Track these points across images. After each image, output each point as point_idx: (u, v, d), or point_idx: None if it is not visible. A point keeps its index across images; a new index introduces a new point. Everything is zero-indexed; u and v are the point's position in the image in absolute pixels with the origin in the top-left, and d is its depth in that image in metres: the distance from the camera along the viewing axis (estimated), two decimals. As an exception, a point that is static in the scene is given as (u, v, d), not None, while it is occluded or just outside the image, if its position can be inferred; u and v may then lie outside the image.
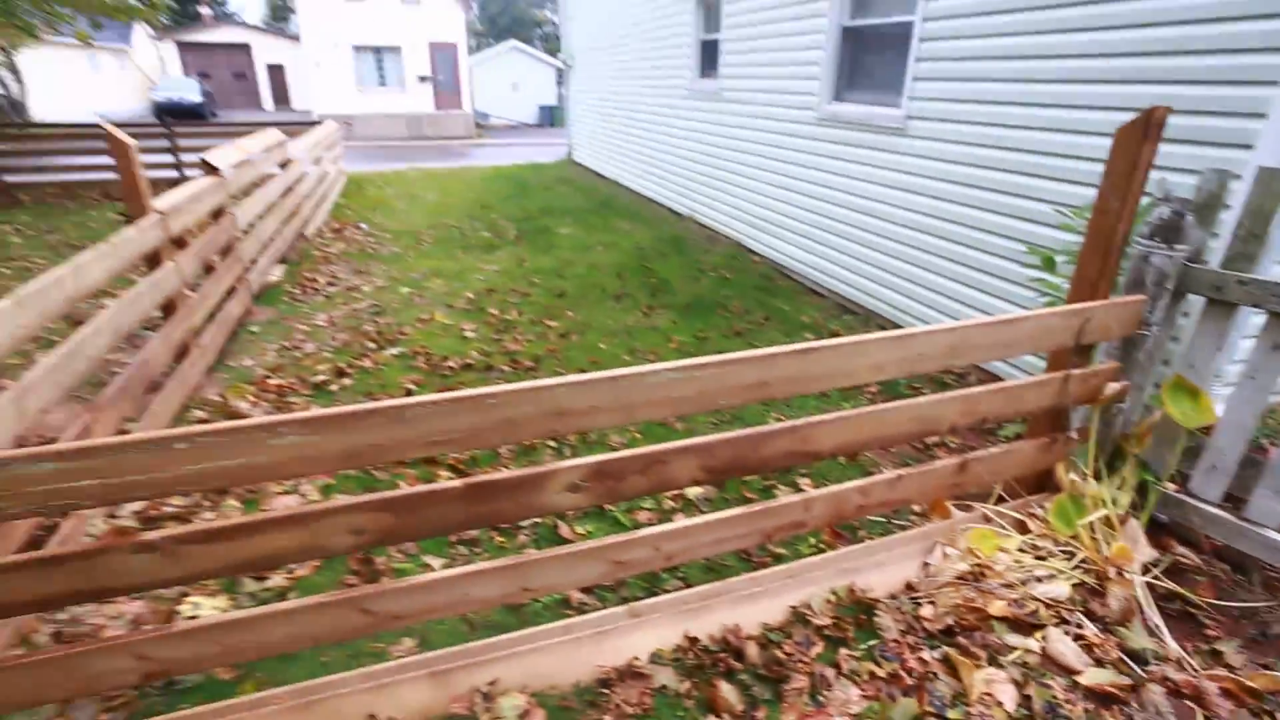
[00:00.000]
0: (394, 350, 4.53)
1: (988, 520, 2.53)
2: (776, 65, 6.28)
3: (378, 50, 25.84)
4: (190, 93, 27.97)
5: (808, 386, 1.99)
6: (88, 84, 28.63)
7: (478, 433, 1.68)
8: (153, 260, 3.78)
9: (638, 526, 2.70)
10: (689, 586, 2.35)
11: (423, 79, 26.34)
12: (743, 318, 5.12)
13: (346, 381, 4.09)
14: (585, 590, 2.44)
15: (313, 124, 13.42)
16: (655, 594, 2.27)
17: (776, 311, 5.36)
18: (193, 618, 2.32)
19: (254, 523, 1.67)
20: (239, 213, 5.39)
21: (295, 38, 36.79)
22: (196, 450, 1.52)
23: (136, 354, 3.43)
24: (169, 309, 3.93)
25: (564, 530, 2.75)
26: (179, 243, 4.13)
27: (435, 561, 2.55)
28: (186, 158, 12.10)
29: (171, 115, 25.62)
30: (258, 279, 5.79)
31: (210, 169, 5.04)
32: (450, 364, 4.28)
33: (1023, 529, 2.49)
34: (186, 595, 2.38)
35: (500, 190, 11.52)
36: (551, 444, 3.36)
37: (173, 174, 12.14)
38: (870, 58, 5.22)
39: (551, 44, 52.33)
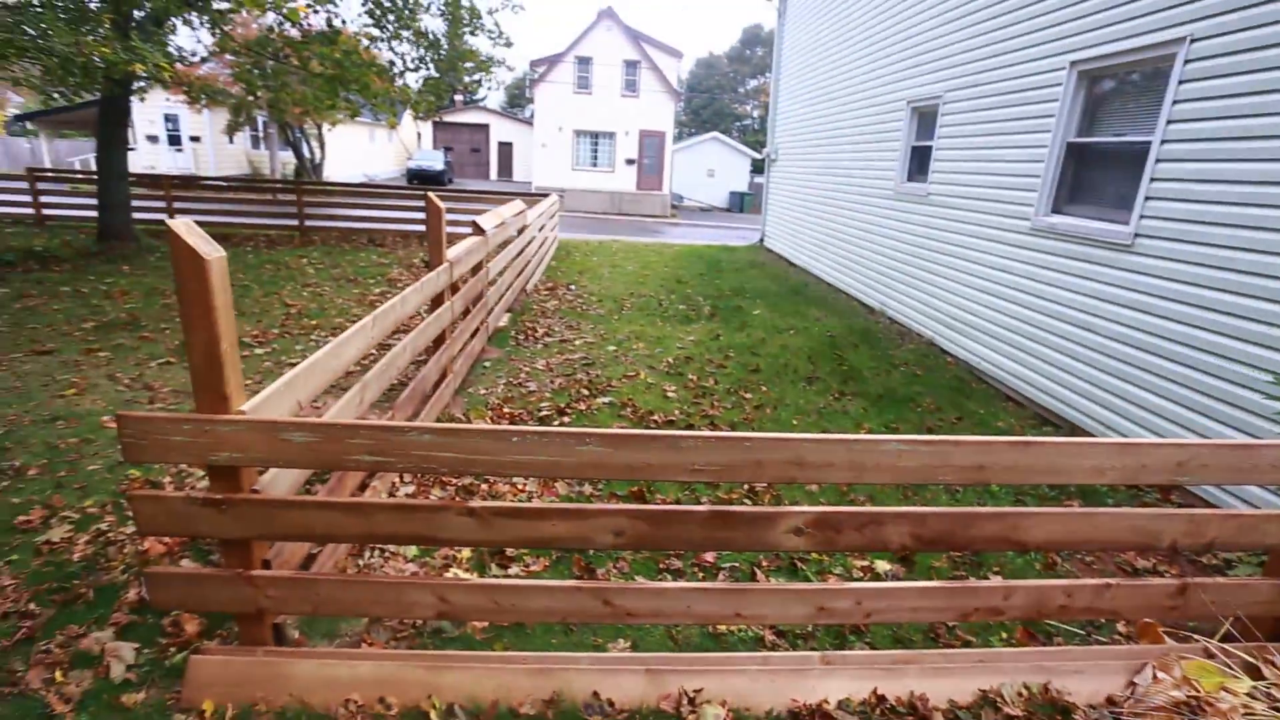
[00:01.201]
0: (604, 399, 5.12)
1: (1210, 655, 2.41)
2: (992, 175, 6.38)
3: (595, 135, 28.92)
4: (436, 162, 32.87)
5: (1024, 478, 2.14)
6: (364, 152, 34.87)
7: (731, 468, 2.04)
8: (437, 300, 4.70)
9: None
10: (874, 650, 2.49)
11: (629, 161, 28.93)
12: (934, 415, 5.14)
13: (566, 420, 4.71)
14: (778, 633, 2.67)
15: (540, 196, 15.33)
16: (842, 649, 2.45)
17: (970, 413, 5.30)
18: (455, 586, 2.86)
19: (545, 509, 2.14)
20: (491, 267, 6.43)
21: (526, 121, 42.08)
22: (525, 444, 2.02)
23: (417, 372, 4.28)
24: (439, 340, 4.83)
25: (759, 576, 3.01)
26: (454, 288, 5.08)
27: (643, 581, 2.92)
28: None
29: (420, 180, 30.32)
30: (492, 323, 6.79)
31: (479, 230, 6.11)
32: (655, 418, 4.76)
33: (1255, 673, 2.35)
34: (449, 567, 2.94)
35: (694, 268, 12.32)
36: (749, 494, 3.65)
37: (421, 228, 14.44)
38: (1095, 173, 5.19)
39: (748, 136, 55.08)
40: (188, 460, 2.10)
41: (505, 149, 42.59)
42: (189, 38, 24.47)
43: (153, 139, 26.53)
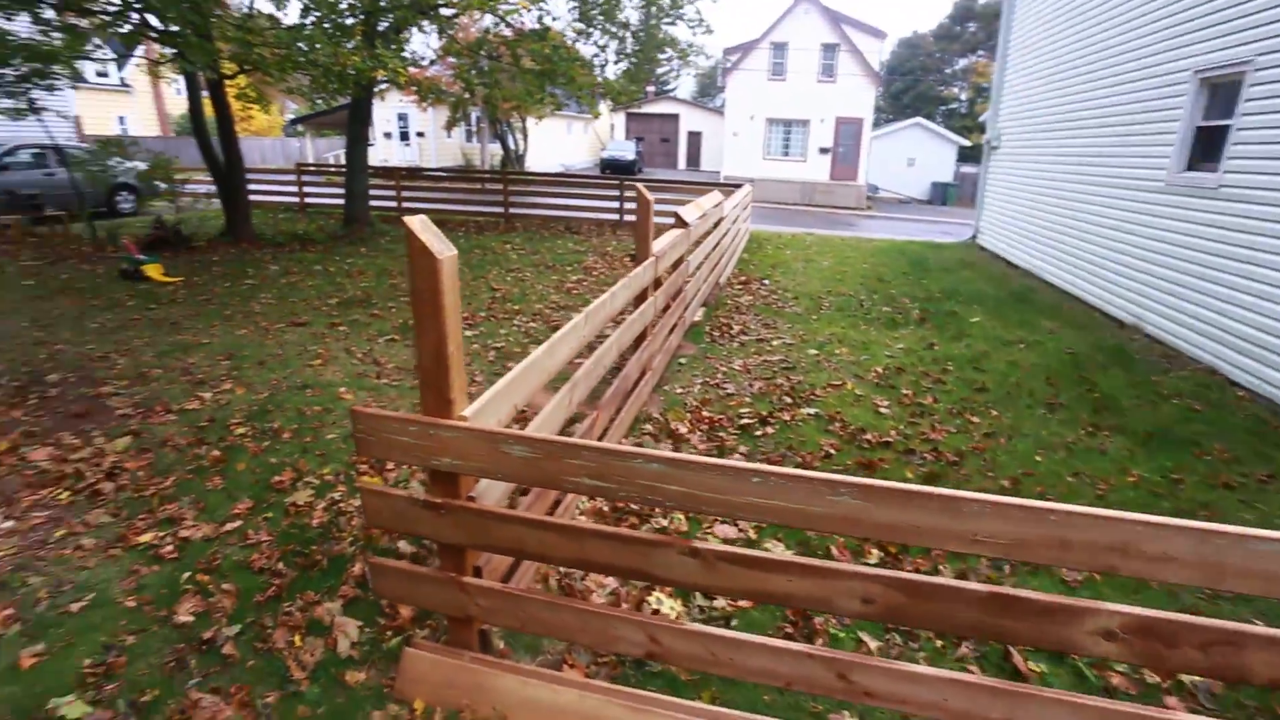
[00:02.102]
0: (809, 410, 4.71)
1: None
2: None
3: (788, 123, 27.91)
4: (628, 153, 33.73)
5: None
6: (562, 144, 36.78)
7: (1025, 545, 1.60)
8: (641, 296, 4.57)
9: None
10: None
11: (823, 150, 27.57)
12: (1231, 467, 4.09)
13: (769, 430, 4.38)
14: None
15: (730, 186, 15.04)
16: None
17: (1282, 468, 4.16)
18: (655, 611, 2.67)
19: (781, 561, 1.84)
20: (690, 260, 6.24)
21: (716, 110, 41.85)
22: (766, 486, 1.73)
23: (620, 370, 4.18)
24: (640, 337, 4.70)
25: (1020, 665, 2.48)
26: (657, 283, 4.93)
27: (872, 642, 2.53)
28: (625, 205, 14.51)
29: (612, 170, 31.33)
30: (688, 318, 6.62)
31: (681, 222, 5.93)
32: (867, 437, 4.28)
33: None
34: (651, 590, 2.76)
35: (895, 265, 11.32)
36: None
37: (614, 217, 14.77)
38: None
39: (954, 121, 50.24)
40: (411, 461, 2.08)
41: (694, 138, 42.71)
42: (419, 43, 27.30)
43: (387, 135, 30.03)
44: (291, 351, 5.75)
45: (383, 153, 28.68)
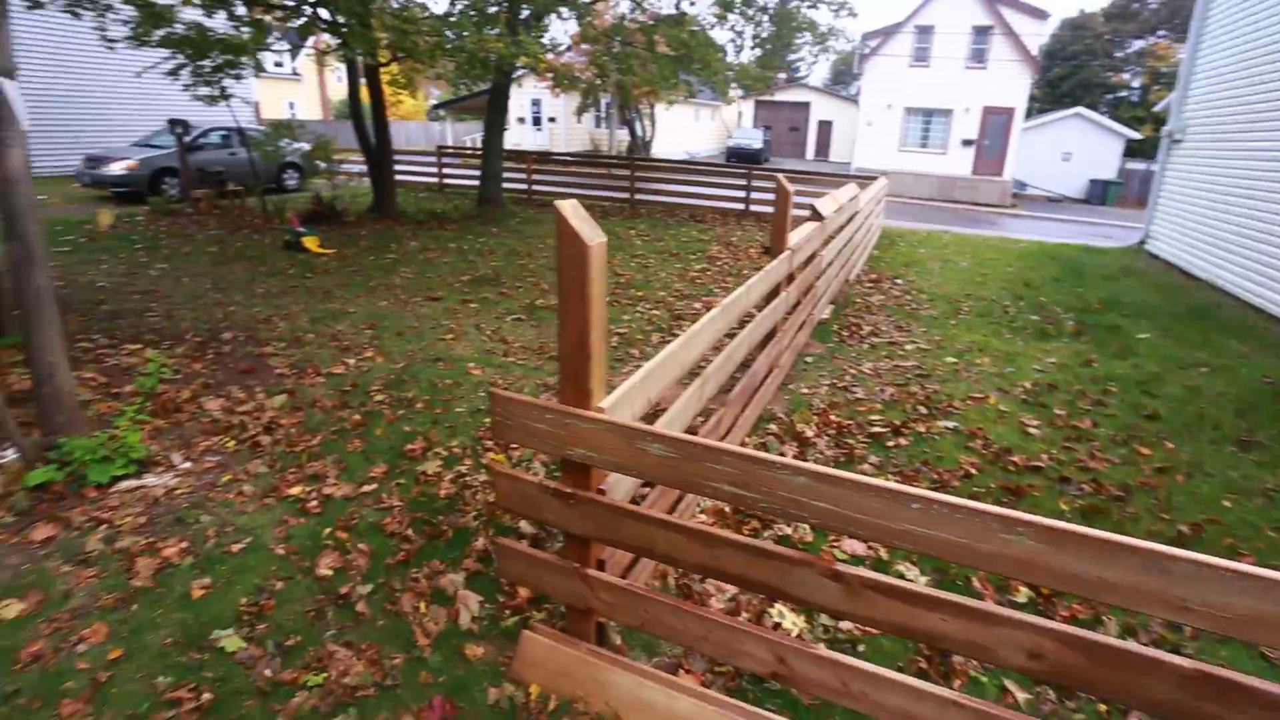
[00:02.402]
0: (946, 423, 4.37)
1: None
2: None
3: (929, 113, 26.21)
4: (755, 141, 33.02)
5: None
6: (688, 131, 36.60)
7: (1253, 622, 1.33)
8: (773, 291, 4.39)
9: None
10: None
11: (966, 143, 25.69)
12: None
13: (902, 442, 4.10)
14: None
15: (862, 178, 14.34)
16: None
17: None
18: (776, 625, 2.55)
19: (937, 599, 1.66)
20: (823, 255, 5.96)
21: (849, 98, 40.11)
22: (927, 515, 1.56)
23: (748, 366, 4.04)
24: (770, 333, 4.53)
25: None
26: (789, 278, 4.73)
27: (1019, 693, 2.27)
28: (751, 195, 14.20)
29: (738, 158, 30.81)
30: (816, 315, 6.34)
31: (816, 215, 5.66)
32: (1013, 459, 3.89)
33: None
34: (774, 602, 2.63)
35: (1045, 270, 10.33)
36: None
37: (740, 206, 14.49)
38: None
39: (1123, 111, 45.17)
40: (545, 449, 2.07)
41: (824, 128, 41.16)
42: (557, 30, 28.01)
43: (521, 120, 31.10)
44: (426, 325, 6.05)
45: (515, 137, 29.77)
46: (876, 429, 4.24)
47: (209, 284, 7.21)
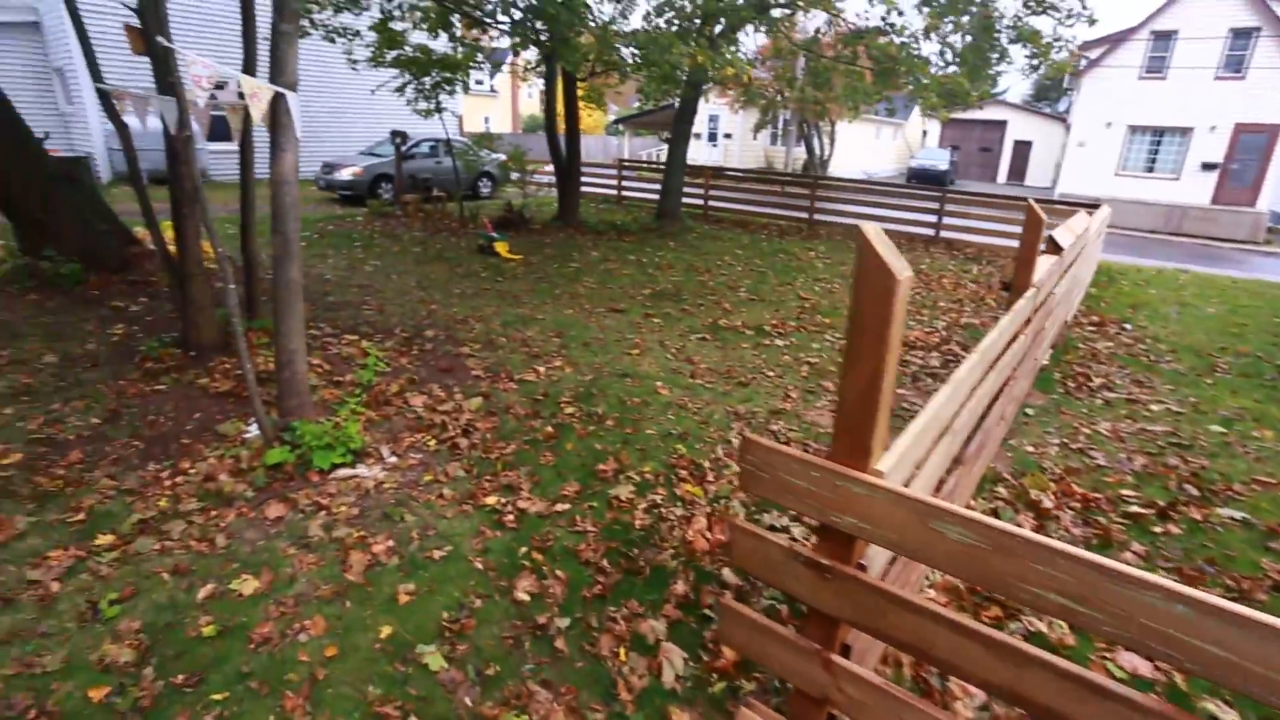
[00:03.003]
0: (1229, 511, 3.52)
1: None
2: None
3: (1159, 132, 22.92)
4: (940, 161, 30.83)
5: None
6: (866, 148, 34.99)
7: None
8: (1013, 334, 3.79)
9: None
10: None
11: (1207, 166, 22.12)
12: None
13: (1173, 529, 3.34)
14: None
15: (1067, 205, 12.74)
16: None
17: None
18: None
19: None
20: (1056, 293, 5.17)
21: (1053, 116, 36.34)
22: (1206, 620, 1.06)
23: (982, 419, 3.49)
24: (1004, 381, 3.93)
25: None
26: (1026, 320, 4.09)
27: None
28: (942, 220, 13.07)
29: (920, 180, 28.91)
30: (1038, 360, 5.53)
31: (1054, 248, 4.91)
32: (1349, 576, 3.02)
33: None
34: None
35: (1331, 324, 8.42)
36: None
37: (929, 232, 13.40)
38: None
39: None
40: (804, 510, 1.76)
41: (1021, 149, 37.58)
42: (743, 44, 27.92)
43: (697, 136, 31.37)
44: (611, 337, 6.01)
45: (691, 152, 30.07)
46: (1133, 507, 3.49)
47: (414, 282, 7.74)
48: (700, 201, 15.62)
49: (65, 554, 2.82)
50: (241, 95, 3.22)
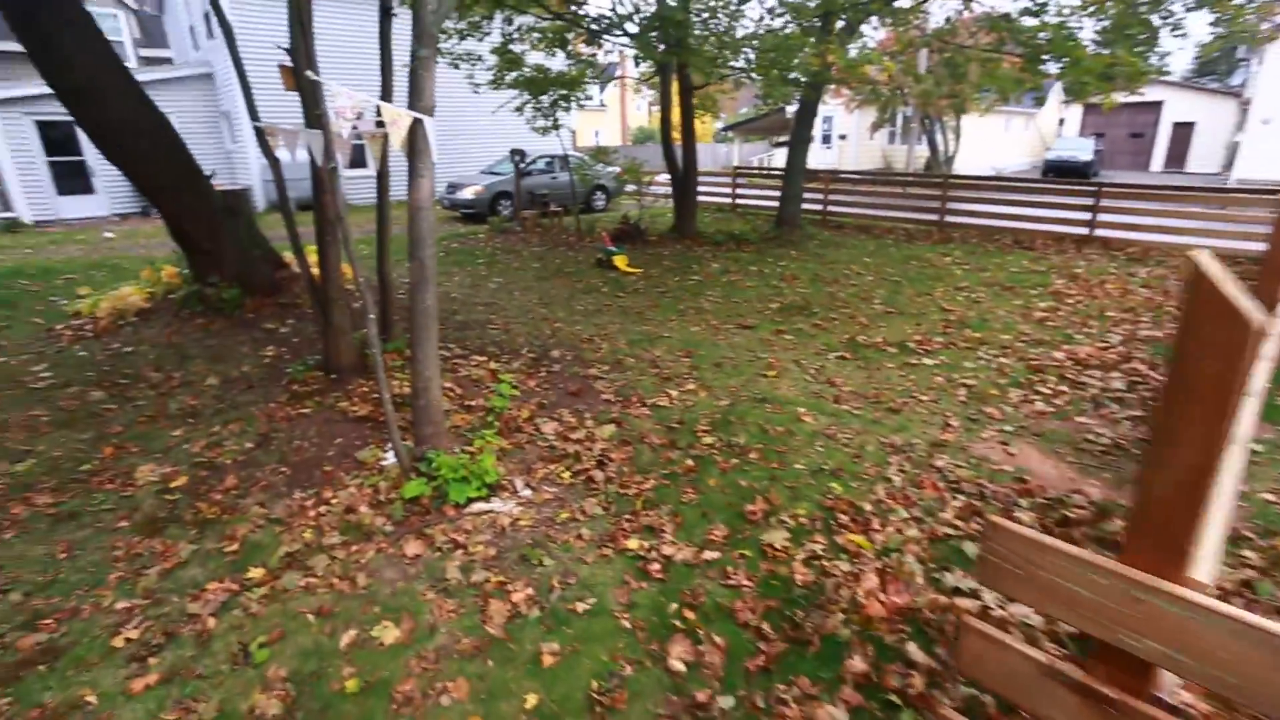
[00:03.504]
0: None
1: None
2: None
3: (1368, 104, 19.58)
4: (1082, 152, 28.02)
5: None
6: (995, 142, 32.47)
7: None
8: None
9: None
10: None
11: None
12: None
13: None
14: None
15: (1246, 193, 11.01)
16: None
17: None
18: None
19: None
20: (1290, 305, 4.28)
21: (1225, 92, 32.20)
22: None
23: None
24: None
25: None
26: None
27: None
28: (1088, 217, 11.67)
29: (1058, 174, 26.39)
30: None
31: (1292, 249, 4.05)
32: None
33: None
34: None
35: None
36: None
37: (1082, 231, 12.02)
38: None
39: None
40: (1080, 623, 1.34)
41: (1182, 131, 33.52)
42: (858, 40, 26.72)
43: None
44: (743, 356, 5.66)
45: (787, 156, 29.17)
46: None
47: (536, 298, 7.74)
48: (819, 207, 14.93)
49: (220, 586, 2.84)
50: (381, 123, 3.17)
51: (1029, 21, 9.73)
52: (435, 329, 3.59)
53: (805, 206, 14.25)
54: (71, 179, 15.32)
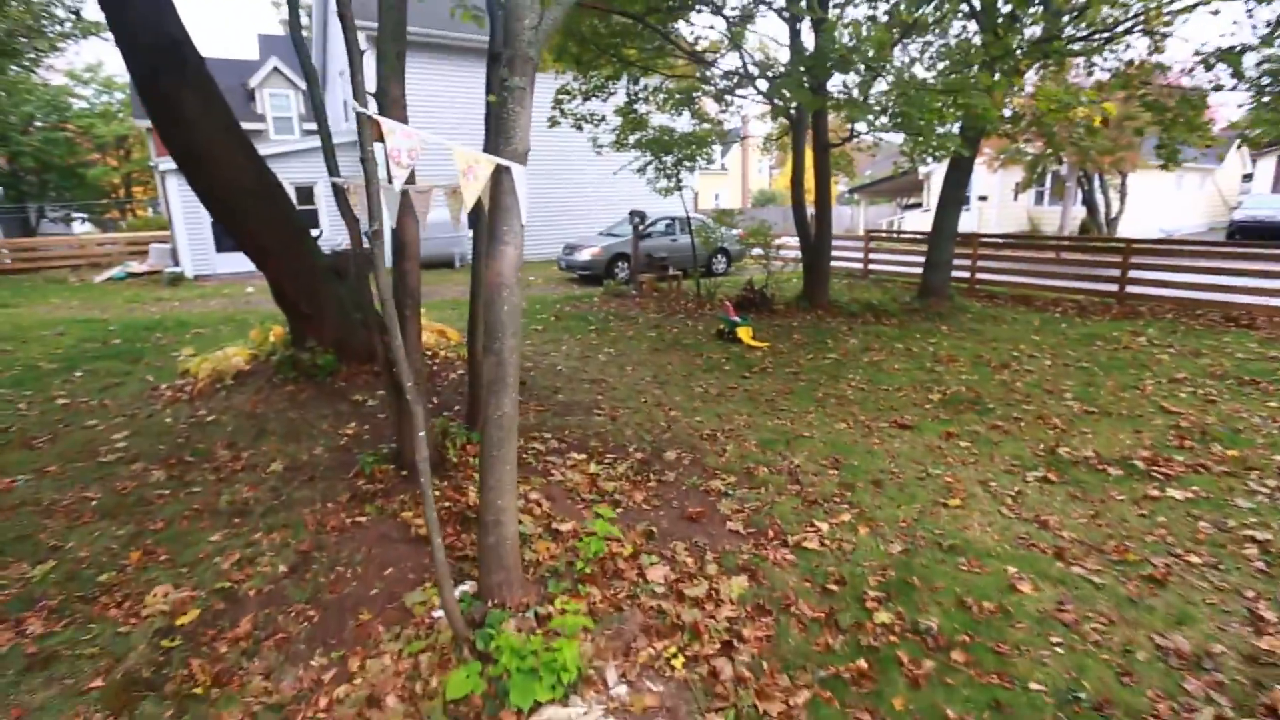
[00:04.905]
0: None
1: None
2: None
3: None
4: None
5: None
6: (1163, 202, 28.84)
7: None
8: None
9: None
10: None
11: None
12: None
13: None
14: None
15: None
16: None
17: None
18: None
19: None
20: None
21: None
22: None
23: None
24: None
25: None
26: None
27: None
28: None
29: (1244, 235, 22.73)
30: None
31: None
32: None
33: None
34: None
35: None
36: None
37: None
38: None
39: None
40: None
41: None
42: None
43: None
44: (909, 471, 4.36)
45: (930, 218, 27.17)
46: None
47: (649, 375, 6.81)
48: (965, 274, 13.23)
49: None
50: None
51: (1251, 57, 7.99)
52: (514, 444, 2.68)
53: (952, 274, 12.64)
54: (229, 237, 16.51)
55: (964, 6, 8.52)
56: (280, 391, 5.92)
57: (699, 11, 9.69)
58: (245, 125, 6.07)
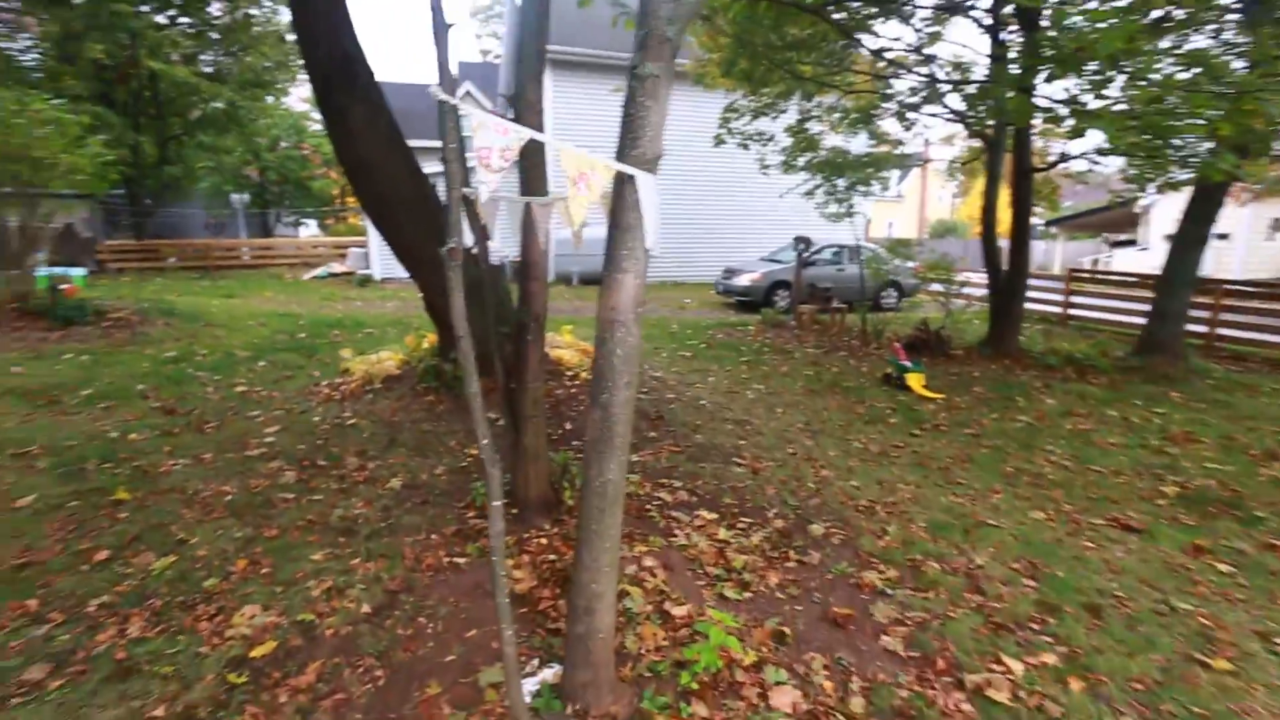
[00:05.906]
0: None
1: None
2: None
3: None
4: None
5: None
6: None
7: None
8: None
9: None
10: None
11: None
12: None
13: None
14: None
15: None
16: None
17: None
18: None
19: None
20: None
21: None
22: None
23: None
24: None
25: None
26: None
27: None
28: None
29: None
30: None
31: None
32: None
33: None
34: None
35: None
36: None
37: None
38: None
39: None
40: None
41: None
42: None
43: (1167, 238, 24.25)
44: (1141, 598, 3.27)
45: (1153, 257, 23.24)
46: None
47: (801, 421, 6.05)
48: (1202, 328, 10.90)
49: None
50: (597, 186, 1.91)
51: None
52: (618, 518, 2.16)
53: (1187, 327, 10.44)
54: (387, 245, 17.96)
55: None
56: (420, 401, 5.92)
57: (884, 20, 8.78)
58: (435, 144, 6.24)
